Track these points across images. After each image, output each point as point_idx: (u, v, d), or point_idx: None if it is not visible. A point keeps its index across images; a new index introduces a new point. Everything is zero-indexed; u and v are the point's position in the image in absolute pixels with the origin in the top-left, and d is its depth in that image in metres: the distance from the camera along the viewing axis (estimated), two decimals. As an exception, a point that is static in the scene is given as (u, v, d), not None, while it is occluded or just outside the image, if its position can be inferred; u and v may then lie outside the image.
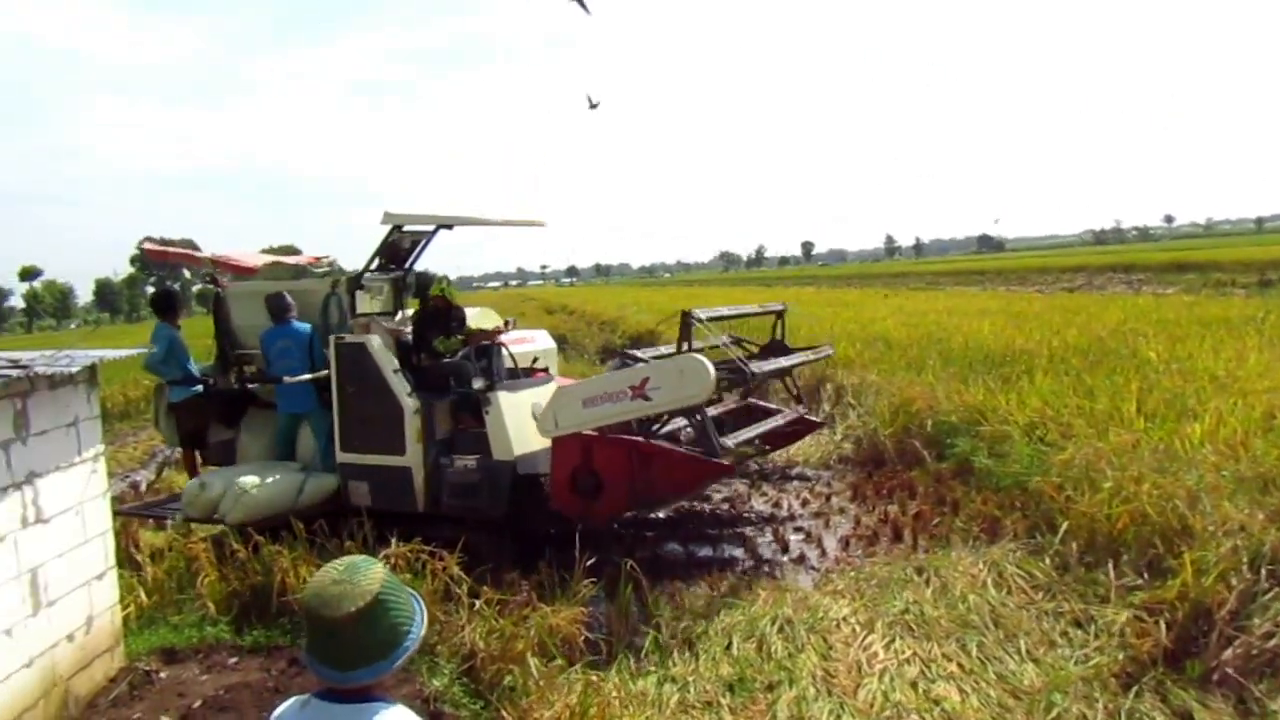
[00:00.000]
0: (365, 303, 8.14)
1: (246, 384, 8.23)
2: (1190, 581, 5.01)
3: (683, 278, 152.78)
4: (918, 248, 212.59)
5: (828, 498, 8.97)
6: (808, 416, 8.97)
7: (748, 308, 9.96)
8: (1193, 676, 4.59)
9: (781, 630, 5.46)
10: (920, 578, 6.18)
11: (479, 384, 7.13)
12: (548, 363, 8.93)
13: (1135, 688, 4.56)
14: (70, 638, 4.68)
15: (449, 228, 8.35)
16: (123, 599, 5.42)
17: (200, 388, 8.19)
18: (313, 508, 7.27)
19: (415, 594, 1.94)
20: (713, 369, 6.17)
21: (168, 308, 8.44)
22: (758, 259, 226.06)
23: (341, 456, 7.38)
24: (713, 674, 5.03)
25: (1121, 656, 4.86)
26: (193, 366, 8.27)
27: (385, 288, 8.57)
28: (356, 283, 7.98)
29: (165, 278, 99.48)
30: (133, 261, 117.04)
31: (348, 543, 6.15)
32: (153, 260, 77.47)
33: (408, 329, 7.97)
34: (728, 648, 5.33)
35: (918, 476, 8.84)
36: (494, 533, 6.97)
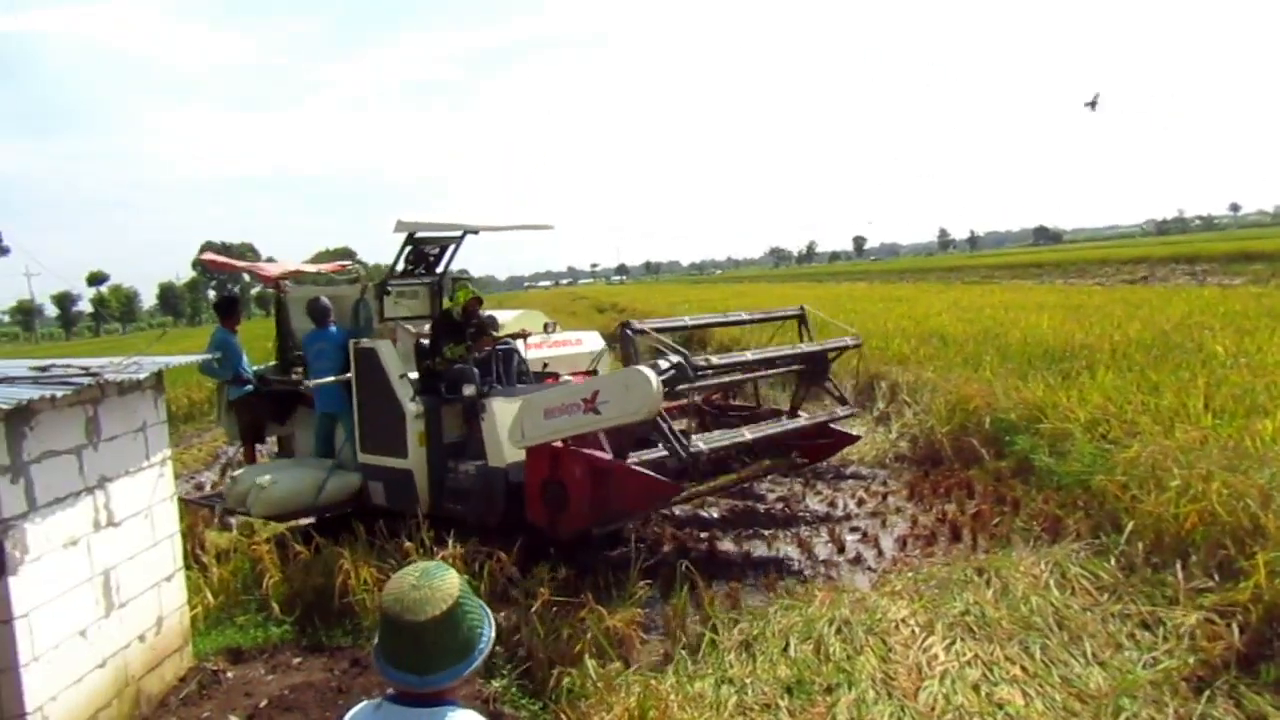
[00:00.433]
0: (393, 307, 8.35)
1: (273, 384, 8.69)
2: (1263, 583, 4.87)
3: (732, 274, 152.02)
4: (972, 240, 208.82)
5: (884, 497, 8.88)
6: (834, 426, 8.35)
7: (709, 317, 9.78)
8: (1267, 680, 4.47)
9: (839, 631, 5.40)
10: (980, 578, 6.07)
11: (469, 390, 7.11)
12: (599, 365, 8.95)
13: (1207, 692, 4.45)
14: (141, 638, 4.81)
15: (474, 233, 8.59)
16: (190, 600, 5.56)
17: (251, 387, 8.65)
18: (335, 505, 7.68)
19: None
20: (657, 383, 5.83)
21: (226, 312, 9.05)
22: (809, 254, 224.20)
23: (361, 457, 7.66)
24: (770, 676, 5.00)
25: (1192, 660, 4.74)
26: (245, 367, 8.71)
27: (421, 292, 8.80)
28: (382, 288, 8.28)
29: (225, 282, 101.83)
30: (194, 265, 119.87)
31: (407, 544, 6.23)
32: (208, 269, 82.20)
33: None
34: (785, 649, 5.29)
35: (976, 475, 8.71)
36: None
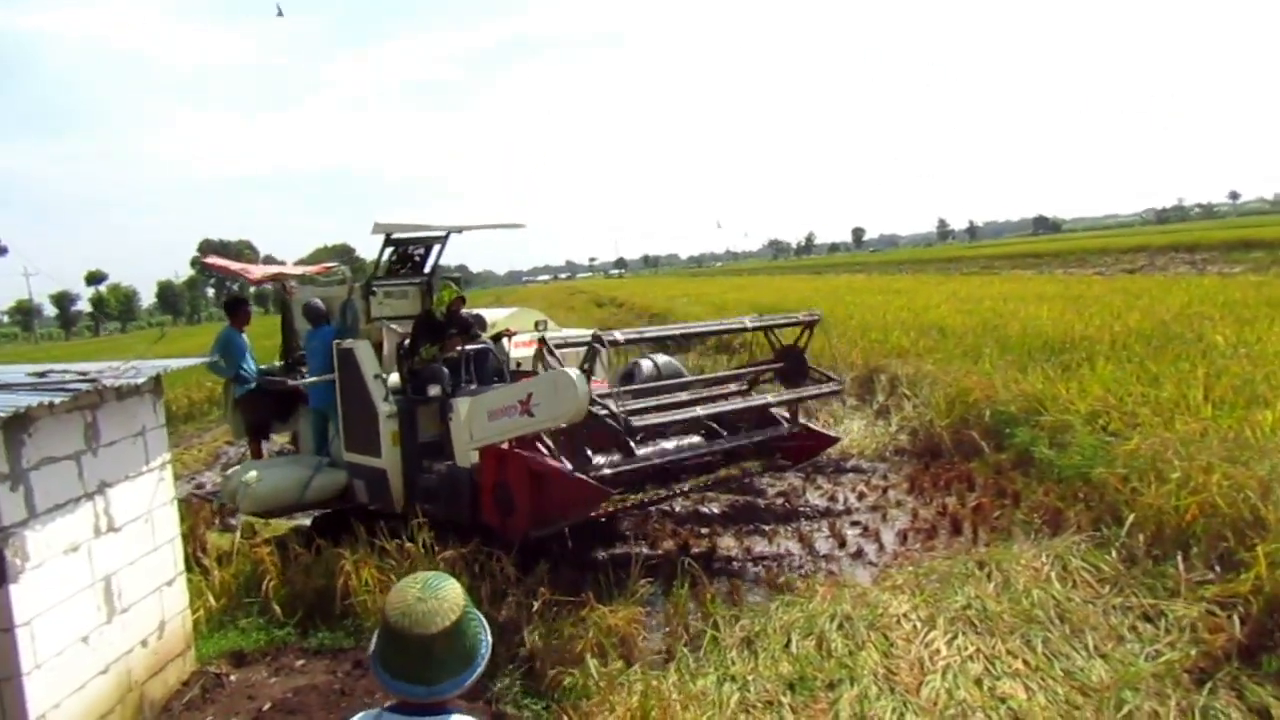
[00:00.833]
0: (379, 307, 8.40)
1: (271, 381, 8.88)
2: (1265, 574, 4.88)
3: (731, 267, 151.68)
4: (971, 230, 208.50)
5: (884, 490, 8.88)
6: (817, 429, 8.44)
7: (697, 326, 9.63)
8: (1269, 671, 4.47)
9: (841, 627, 5.40)
10: (981, 572, 6.07)
11: (434, 390, 7.14)
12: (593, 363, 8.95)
13: (1209, 684, 4.45)
14: (144, 643, 4.81)
15: (458, 233, 8.69)
16: (192, 603, 5.57)
17: (253, 385, 8.83)
18: (322, 502, 7.81)
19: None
20: (584, 386, 5.77)
21: (233, 312, 9.31)
22: (807, 246, 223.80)
23: (345, 455, 7.75)
24: (773, 673, 5.00)
25: (1194, 652, 4.74)
26: (248, 366, 8.85)
27: (410, 292, 8.82)
28: (368, 288, 8.36)
29: (223, 281, 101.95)
30: (193, 264, 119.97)
31: (408, 544, 6.23)
32: (206, 270, 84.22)
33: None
34: (787, 645, 5.28)
35: (976, 468, 8.72)
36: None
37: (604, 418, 6.03)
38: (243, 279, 10.09)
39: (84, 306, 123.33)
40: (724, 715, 4.63)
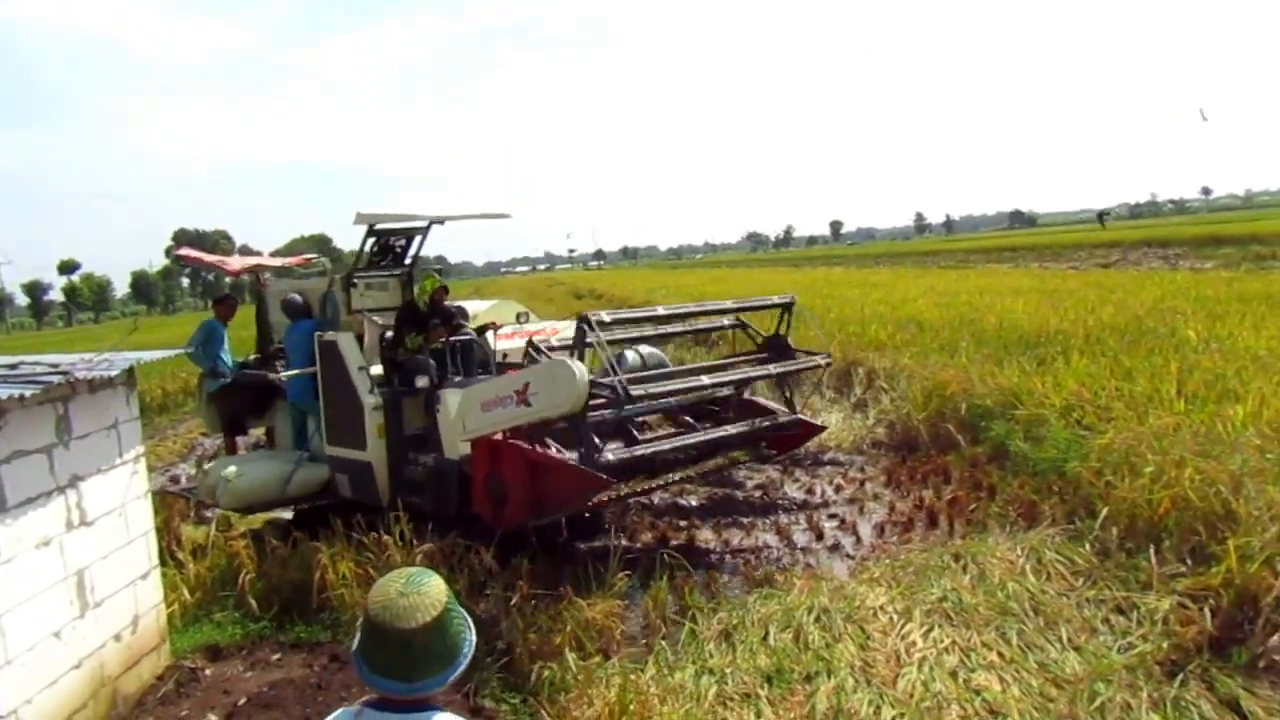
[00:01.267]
0: (360, 299, 8.32)
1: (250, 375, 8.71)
2: (1235, 567, 4.93)
3: (710, 259, 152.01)
4: (948, 224, 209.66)
5: (862, 483, 8.93)
6: (807, 419, 8.37)
7: (686, 306, 9.47)
8: (1239, 664, 4.53)
9: (819, 620, 5.43)
10: (957, 564, 6.12)
11: (422, 381, 7.11)
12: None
13: (1180, 676, 4.50)
14: (117, 638, 4.77)
15: (440, 223, 8.53)
16: (166, 597, 5.51)
17: (226, 380, 8.63)
18: (303, 497, 7.70)
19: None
20: (582, 375, 5.81)
21: (216, 303, 9.18)
22: (786, 239, 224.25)
23: (327, 449, 7.65)
24: (750, 665, 5.02)
25: (1165, 644, 4.79)
26: (223, 359, 8.65)
27: (390, 284, 8.76)
28: (348, 280, 8.25)
29: (199, 271, 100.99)
30: (167, 254, 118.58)
31: (385, 538, 6.20)
32: (181, 262, 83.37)
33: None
34: (765, 638, 5.31)
35: (952, 461, 8.77)
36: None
37: (602, 390, 6.07)
38: (219, 270, 9.95)
39: (57, 296, 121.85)
40: (702, 708, 4.65)
